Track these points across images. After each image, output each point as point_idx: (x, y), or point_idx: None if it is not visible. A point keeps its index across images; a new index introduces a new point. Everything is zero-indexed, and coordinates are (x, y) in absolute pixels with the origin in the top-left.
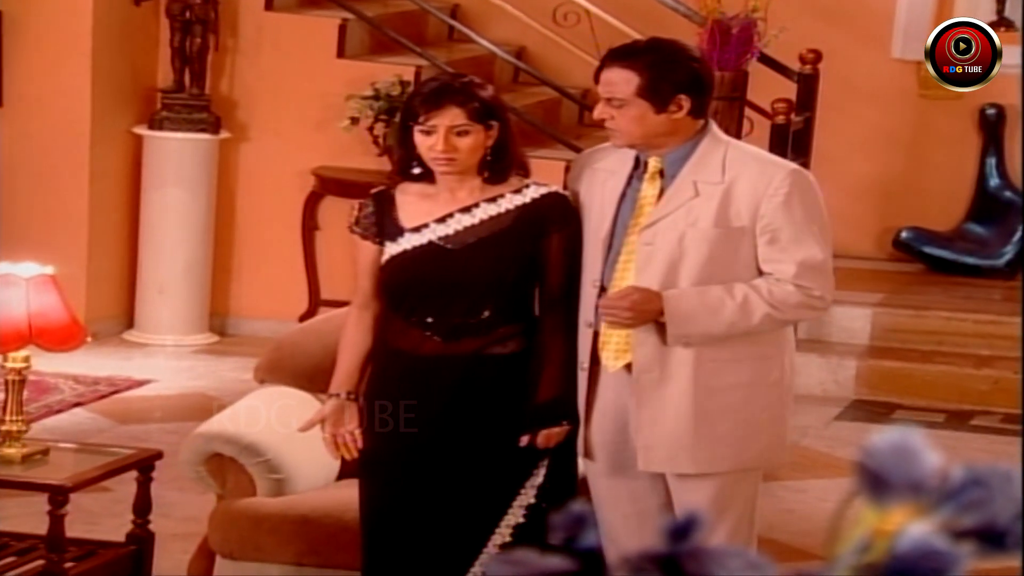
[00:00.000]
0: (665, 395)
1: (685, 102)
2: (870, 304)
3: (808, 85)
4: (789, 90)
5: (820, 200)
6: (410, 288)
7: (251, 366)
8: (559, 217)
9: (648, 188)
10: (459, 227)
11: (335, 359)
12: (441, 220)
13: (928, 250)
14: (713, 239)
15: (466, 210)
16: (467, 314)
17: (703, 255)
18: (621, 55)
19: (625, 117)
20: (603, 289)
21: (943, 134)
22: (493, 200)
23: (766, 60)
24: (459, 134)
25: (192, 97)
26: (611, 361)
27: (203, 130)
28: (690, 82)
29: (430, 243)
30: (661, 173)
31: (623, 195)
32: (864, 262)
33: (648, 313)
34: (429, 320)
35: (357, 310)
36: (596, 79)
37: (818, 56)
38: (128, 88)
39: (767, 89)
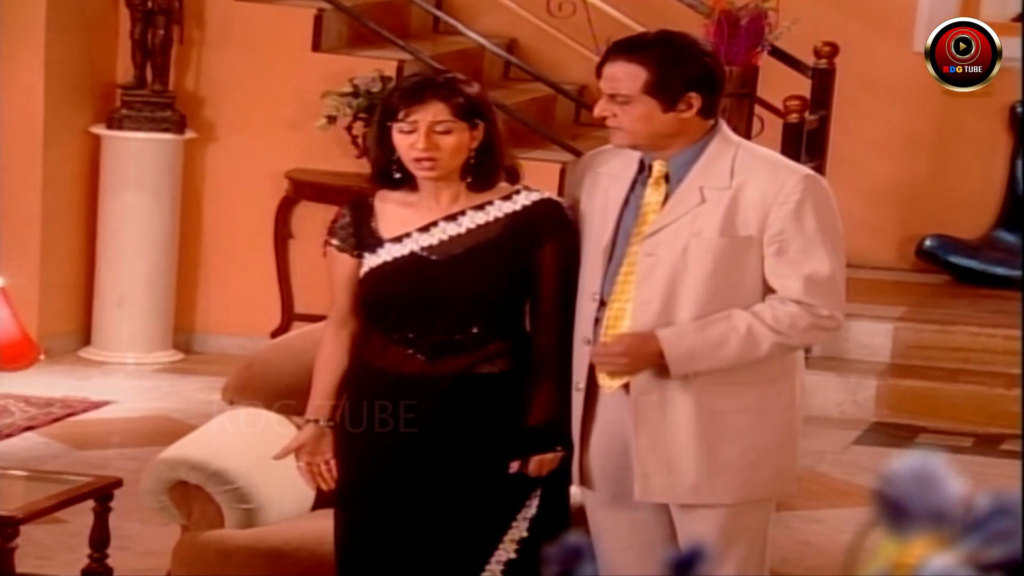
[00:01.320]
0: (665, 419)
1: (695, 100)
2: (891, 318)
3: (823, 81)
4: (803, 86)
5: (835, 209)
6: (391, 303)
7: (219, 386)
8: (552, 226)
9: (652, 194)
10: (444, 237)
11: (311, 379)
12: (424, 229)
13: (954, 260)
14: (718, 249)
15: (451, 218)
16: (453, 330)
17: (707, 267)
18: (627, 48)
19: (629, 115)
20: (603, 303)
21: (970, 134)
22: (481, 208)
23: (778, 54)
24: (441, 132)
25: (154, 94)
26: (608, 381)
27: (166, 129)
28: (701, 79)
29: (412, 254)
30: (666, 178)
31: (626, 201)
32: (885, 273)
33: (646, 357)
34: (412, 337)
35: (334, 328)
36: (598, 73)
37: (834, 49)
38: (85, 84)
39: (779, 85)
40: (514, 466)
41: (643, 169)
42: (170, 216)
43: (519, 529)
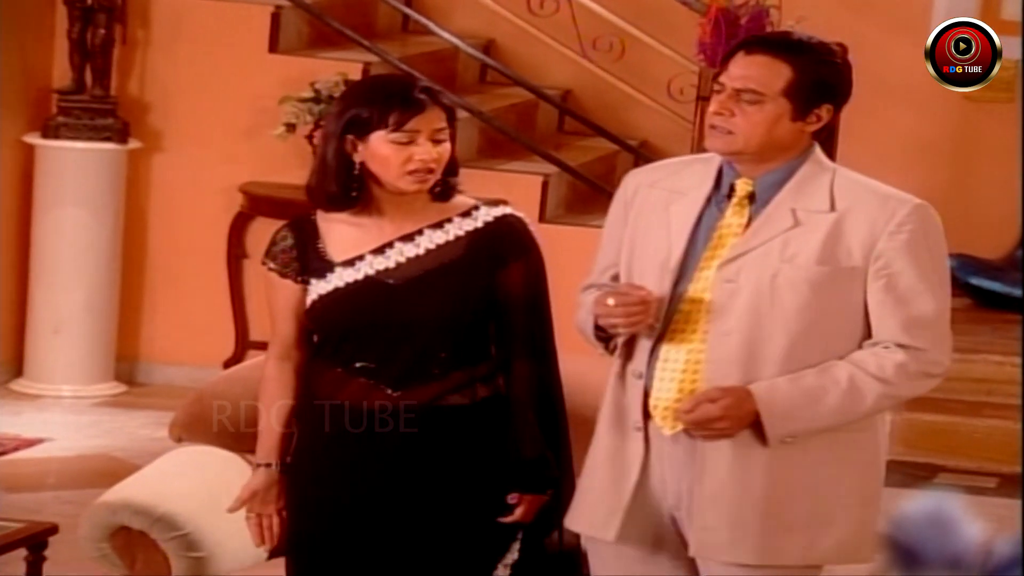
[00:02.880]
0: (735, 468)
1: (825, 114)
2: None
3: None
4: None
5: (945, 243)
6: (347, 332)
7: (166, 421)
8: (517, 244)
9: (733, 215)
10: (401, 259)
11: None
12: (379, 251)
13: (975, 282)
14: (816, 280)
15: (407, 239)
16: (418, 359)
17: (801, 300)
18: (773, 42)
19: (752, 118)
20: (663, 335)
21: (993, 143)
22: (439, 226)
23: None
24: (437, 141)
25: (94, 99)
26: (668, 423)
27: (108, 139)
28: (841, 92)
29: (368, 278)
30: (751, 198)
31: (698, 221)
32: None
33: (745, 418)
34: (373, 368)
35: (276, 361)
36: (723, 64)
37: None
38: (16, 88)
39: None
40: (512, 498)
41: (719, 187)
42: (112, 234)
43: None
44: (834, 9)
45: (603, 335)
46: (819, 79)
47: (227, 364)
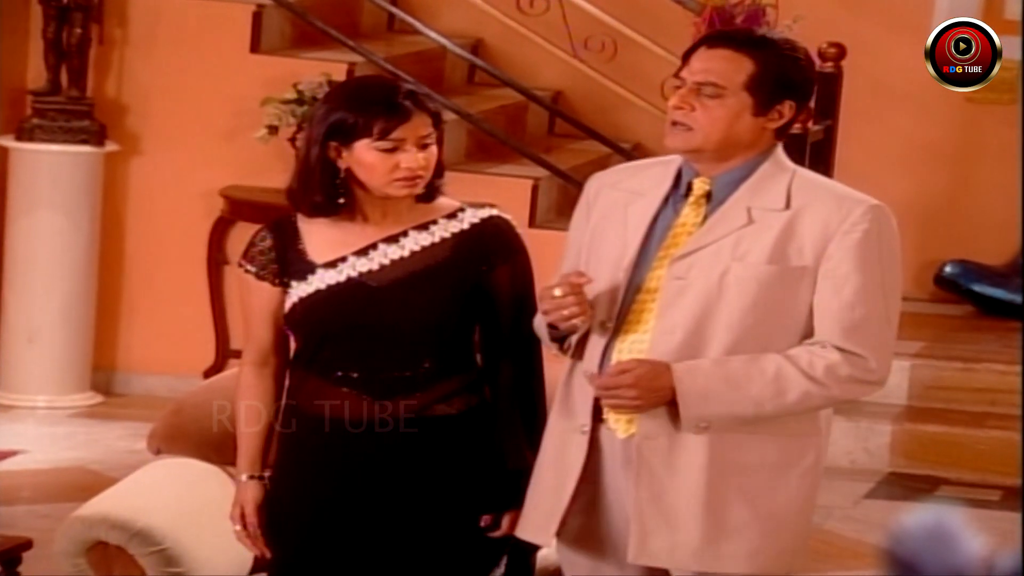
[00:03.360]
0: (672, 469)
1: (788, 111)
2: (908, 355)
3: (829, 87)
4: None
5: (899, 247)
6: (328, 337)
7: (144, 432)
8: (504, 246)
9: (690, 214)
10: (385, 261)
11: None
12: (362, 252)
13: (978, 288)
14: (764, 278)
15: (392, 240)
16: (403, 366)
17: (749, 297)
18: (734, 37)
19: (713, 113)
20: (615, 333)
21: (996, 146)
22: (424, 227)
23: None
24: (424, 146)
25: (70, 100)
26: (623, 424)
27: (84, 141)
28: (803, 88)
29: (350, 280)
30: (708, 196)
31: (653, 221)
32: (900, 303)
33: (658, 392)
34: (355, 376)
35: (253, 368)
36: (684, 60)
37: (841, 51)
38: None
39: None
40: (485, 521)
41: (677, 186)
42: (88, 239)
43: None
44: (832, 8)
45: (558, 334)
46: (781, 73)
47: (207, 373)
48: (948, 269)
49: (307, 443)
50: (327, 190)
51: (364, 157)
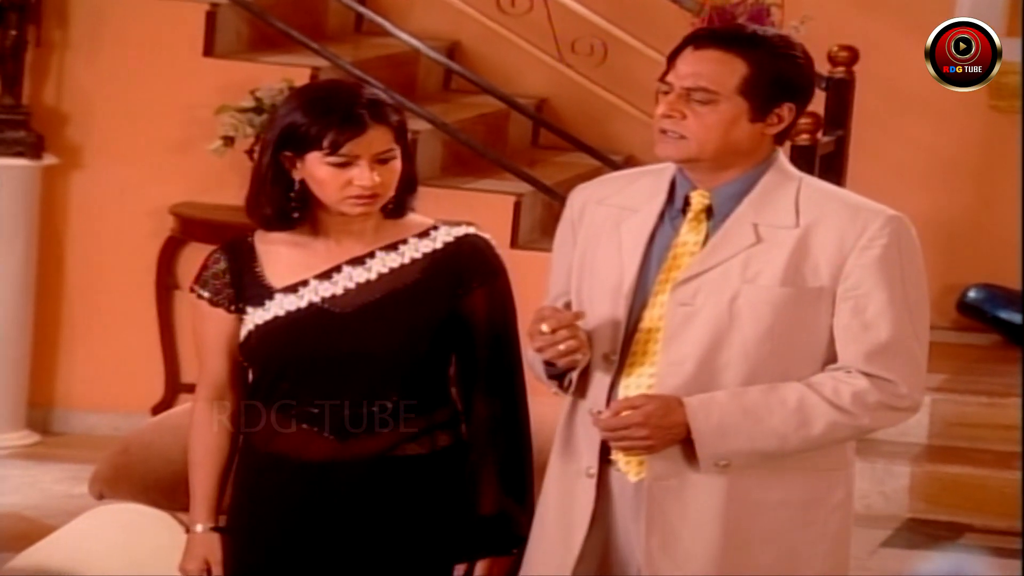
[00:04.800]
0: (686, 513)
1: (787, 114)
2: (928, 389)
3: (840, 93)
4: (815, 100)
5: (921, 260)
6: (287, 368)
7: (86, 475)
8: (481, 267)
9: (689, 232)
10: (350, 284)
11: None
12: (324, 275)
13: (1004, 315)
14: (779, 302)
15: (357, 262)
16: (367, 401)
17: (763, 324)
18: (724, 36)
19: (707, 119)
20: (621, 367)
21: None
22: (393, 247)
23: None
24: (383, 161)
25: (4, 109)
26: (633, 467)
27: (19, 154)
28: (803, 89)
29: (312, 306)
30: (708, 212)
31: (651, 240)
32: (928, 321)
33: (671, 429)
34: (315, 412)
35: (206, 404)
36: (670, 62)
37: (853, 55)
38: None
39: None
40: (459, 571)
41: (673, 200)
42: (23, 262)
43: None
44: (842, 8)
45: (555, 371)
46: (778, 74)
47: (156, 410)
48: (972, 294)
49: (264, 485)
50: (278, 202)
51: (315, 171)
